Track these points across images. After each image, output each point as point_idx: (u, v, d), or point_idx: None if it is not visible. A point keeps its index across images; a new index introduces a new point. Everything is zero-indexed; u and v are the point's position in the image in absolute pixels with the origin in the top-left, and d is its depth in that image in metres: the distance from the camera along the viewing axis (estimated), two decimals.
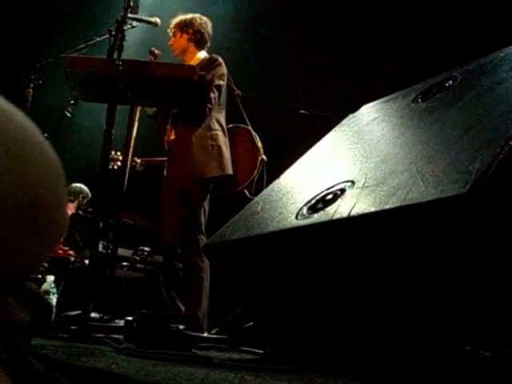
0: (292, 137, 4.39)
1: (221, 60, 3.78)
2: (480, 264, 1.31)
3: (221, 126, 3.75)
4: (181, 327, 2.10)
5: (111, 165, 4.30)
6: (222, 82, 3.72)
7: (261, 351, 2.09)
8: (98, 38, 3.52)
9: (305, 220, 1.64)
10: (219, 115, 3.77)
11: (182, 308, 3.58)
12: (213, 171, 3.62)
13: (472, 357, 1.40)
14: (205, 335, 3.12)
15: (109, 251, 3.13)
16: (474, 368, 1.37)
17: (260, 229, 1.82)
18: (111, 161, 4.30)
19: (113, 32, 3.06)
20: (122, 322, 2.47)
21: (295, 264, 1.72)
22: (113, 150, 4.40)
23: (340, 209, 1.54)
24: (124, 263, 4.63)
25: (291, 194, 2.00)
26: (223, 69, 3.75)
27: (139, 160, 4.40)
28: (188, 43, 3.93)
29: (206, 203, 3.71)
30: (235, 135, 4.00)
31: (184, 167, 3.63)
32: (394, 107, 2.33)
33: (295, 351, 1.85)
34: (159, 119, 3.99)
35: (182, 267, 3.63)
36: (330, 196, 1.69)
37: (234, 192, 3.82)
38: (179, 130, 3.75)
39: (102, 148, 2.80)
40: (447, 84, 2.17)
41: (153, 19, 3.44)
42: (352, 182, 1.69)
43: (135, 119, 3.51)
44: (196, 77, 3.25)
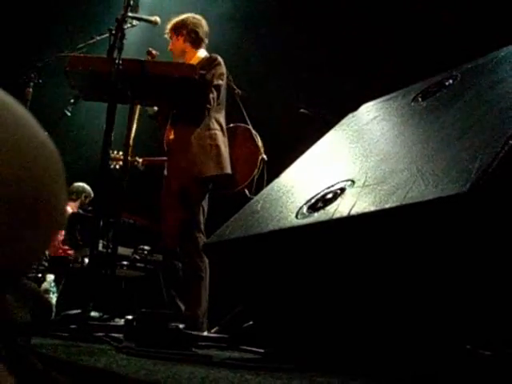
0: (292, 136, 4.39)
1: (220, 59, 3.77)
2: (480, 263, 1.31)
3: (220, 126, 3.75)
4: (181, 326, 2.10)
5: (113, 164, 4.30)
6: (221, 82, 3.71)
7: (261, 350, 2.08)
8: (98, 37, 3.53)
9: (305, 219, 1.64)
10: (219, 115, 3.76)
11: (182, 307, 3.58)
12: (211, 170, 3.63)
13: (472, 356, 1.41)
14: (205, 334, 3.12)
15: (109, 250, 3.14)
16: (474, 367, 1.37)
17: (260, 228, 1.82)
18: (112, 160, 4.30)
19: (113, 31, 3.06)
20: (122, 321, 2.47)
21: (295, 263, 1.72)
22: (115, 150, 4.40)
23: (340, 208, 1.54)
24: (124, 262, 4.63)
25: (291, 193, 2.00)
26: (222, 68, 3.74)
27: (141, 160, 4.40)
28: (184, 44, 3.93)
29: (205, 202, 3.71)
30: (235, 134, 4.00)
31: (183, 167, 3.63)
32: (394, 106, 2.33)
33: (295, 350, 1.85)
34: (160, 119, 3.99)
35: (182, 266, 3.63)
36: (330, 195, 1.69)
37: (234, 191, 3.82)
38: (178, 130, 3.75)
39: (102, 147, 2.80)
40: (447, 83, 2.17)
41: (153, 18, 3.44)
42: (352, 181, 1.69)
43: (135, 118, 3.51)
44: (196, 76, 3.25)
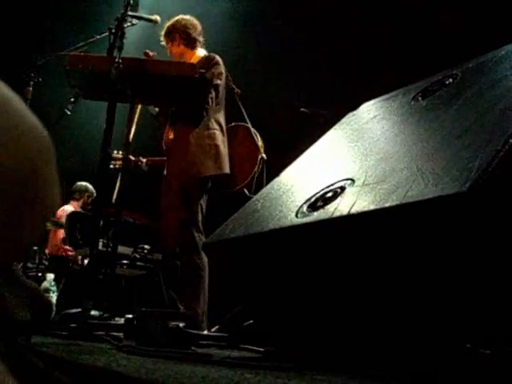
0: (292, 135, 4.39)
1: (218, 58, 3.76)
2: (480, 261, 1.31)
3: (219, 125, 3.74)
4: (181, 325, 2.10)
5: (114, 164, 4.28)
6: (220, 82, 3.70)
7: (261, 349, 2.09)
8: (98, 36, 3.52)
9: (305, 218, 1.64)
10: (218, 114, 3.76)
11: (182, 307, 3.58)
12: (209, 170, 3.63)
13: (472, 355, 1.41)
14: (205, 333, 3.12)
15: (109, 249, 3.14)
16: (474, 366, 1.37)
17: (260, 227, 1.82)
18: (115, 160, 4.28)
19: (113, 30, 3.05)
20: (122, 320, 2.47)
21: (295, 262, 1.72)
22: (119, 150, 4.38)
23: (340, 207, 1.54)
24: (124, 261, 4.63)
25: (291, 192, 2.00)
26: (221, 68, 3.73)
27: (145, 160, 4.40)
28: (180, 47, 3.92)
29: (204, 202, 3.71)
30: (235, 134, 4.00)
31: (182, 166, 3.64)
32: (394, 105, 2.33)
33: (295, 349, 1.85)
34: (160, 119, 3.99)
35: (180, 265, 3.64)
36: (330, 194, 1.69)
37: (234, 191, 3.82)
38: (178, 130, 3.75)
39: (102, 146, 2.80)
40: (447, 82, 2.17)
41: (153, 17, 3.44)
42: (352, 180, 1.69)
43: (135, 117, 3.51)
44: (196, 74, 3.25)
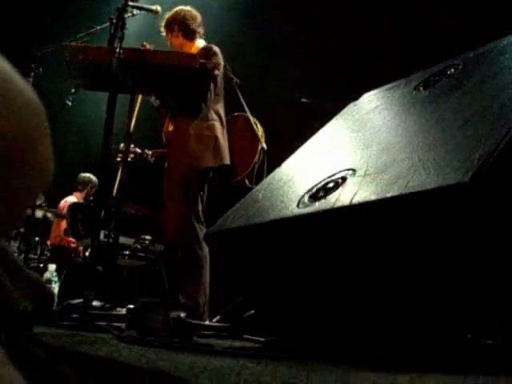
0: (293, 125, 4.39)
1: (216, 49, 3.76)
2: (481, 252, 1.31)
3: (218, 116, 3.75)
4: (182, 315, 2.11)
5: (122, 158, 4.26)
6: (217, 72, 3.70)
7: (262, 339, 2.09)
8: (99, 27, 3.52)
9: (306, 208, 1.64)
10: (217, 105, 3.76)
11: (183, 297, 3.59)
12: (209, 162, 3.64)
13: (473, 345, 1.41)
14: (206, 323, 3.13)
15: (110, 240, 3.14)
16: (475, 356, 1.38)
17: (261, 217, 1.82)
18: (123, 153, 4.26)
19: (113, 20, 3.05)
20: (124, 310, 2.48)
21: (296, 252, 1.72)
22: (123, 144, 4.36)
23: (341, 197, 1.54)
24: (125, 252, 4.64)
25: (292, 183, 2.00)
26: (218, 58, 3.73)
27: (150, 152, 4.39)
28: (179, 38, 3.92)
29: (204, 193, 3.72)
30: (234, 124, 4.00)
31: (182, 158, 3.65)
32: (396, 95, 2.33)
33: (296, 339, 1.86)
34: (161, 111, 3.99)
35: (181, 256, 3.65)
36: (332, 184, 1.69)
37: (234, 181, 3.82)
38: (177, 122, 3.75)
39: (103, 137, 2.80)
40: (449, 72, 2.16)
41: (153, 7, 3.43)
42: (353, 171, 1.69)
43: (136, 108, 3.51)
44: (197, 65, 3.25)
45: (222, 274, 3.01)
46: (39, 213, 5.81)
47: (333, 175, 1.75)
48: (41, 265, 5.61)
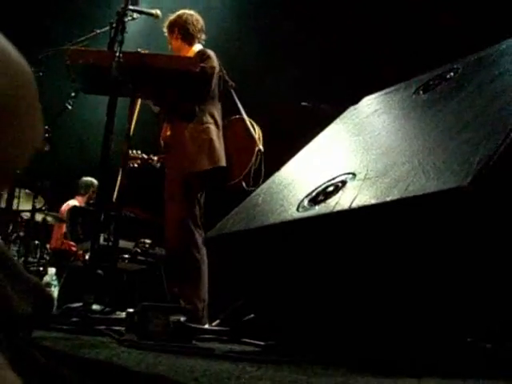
0: (293, 129, 4.38)
1: (210, 52, 3.77)
2: (481, 255, 1.31)
3: (214, 119, 3.76)
4: (182, 319, 2.11)
5: (133, 164, 4.26)
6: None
7: (262, 343, 2.09)
8: (99, 31, 3.52)
9: (306, 212, 1.65)
10: (212, 108, 3.78)
11: (183, 301, 3.59)
12: (205, 165, 3.65)
13: (473, 348, 1.41)
14: (206, 327, 3.13)
15: (110, 243, 3.14)
16: (475, 360, 1.38)
17: (261, 221, 1.82)
18: (130, 159, 4.25)
19: (113, 24, 3.05)
20: (124, 314, 2.48)
21: (296, 256, 1.72)
22: (133, 150, 4.36)
23: (341, 201, 1.54)
24: (125, 255, 4.63)
25: (292, 186, 2.00)
26: (212, 61, 3.73)
27: (156, 157, 4.40)
28: (178, 41, 3.96)
29: (201, 196, 3.73)
30: (231, 127, 4.00)
31: (179, 162, 3.68)
32: (395, 99, 2.33)
33: (296, 343, 1.85)
34: (160, 117, 4.00)
35: (180, 260, 3.65)
36: (331, 188, 1.69)
37: (231, 184, 3.82)
38: (174, 126, 3.77)
39: (103, 140, 2.81)
40: (448, 76, 2.17)
41: (153, 11, 3.44)
42: (353, 174, 1.69)
43: (136, 111, 3.51)
44: (197, 69, 3.25)
45: (222, 278, 3.01)
46: (39, 216, 5.80)
47: (333, 179, 1.75)
48: (40, 268, 5.59)
